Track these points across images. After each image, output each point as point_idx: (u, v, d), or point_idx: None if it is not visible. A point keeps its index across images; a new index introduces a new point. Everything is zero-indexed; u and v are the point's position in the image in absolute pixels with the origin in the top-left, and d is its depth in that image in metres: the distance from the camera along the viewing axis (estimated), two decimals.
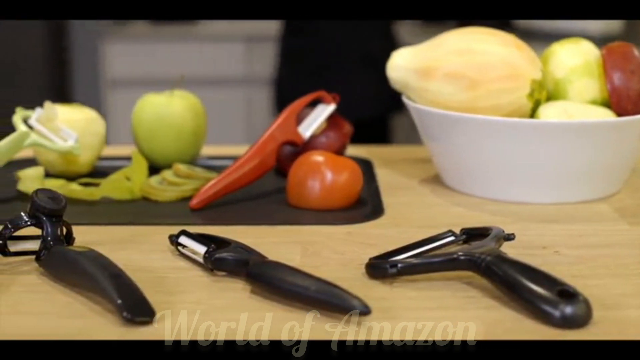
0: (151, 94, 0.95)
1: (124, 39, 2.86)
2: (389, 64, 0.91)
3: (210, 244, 0.67)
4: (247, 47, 2.92)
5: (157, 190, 0.84)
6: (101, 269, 0.61)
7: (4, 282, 0.66)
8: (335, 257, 0.71)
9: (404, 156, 1.03)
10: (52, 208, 0.67)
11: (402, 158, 1.01)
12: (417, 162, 1.00)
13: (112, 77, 2.81)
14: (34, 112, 0.90)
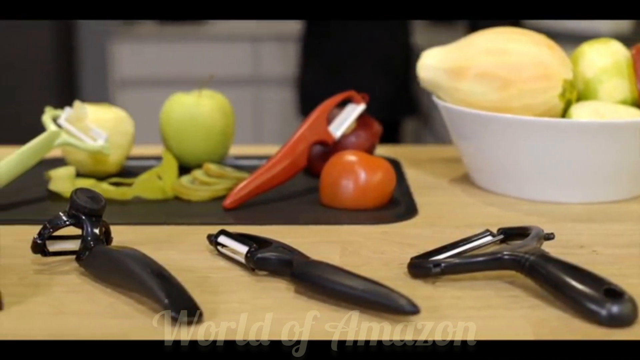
0: (179, 93, 0.95)
1: (132, 39, 2.85)
2: (419, 64, 0.90)
3: (252, 243, 0.67)
4: (254, 47, 2.91)
5: (190, 190, 0.84)
6: (146, 269, 0.61)
7: (45, 282, 0.66)
8: (375, 257, 0.71)
9: (430, 156, 1.03)
10: (92, 208, 0.67)
11: (428, 158, 1.01)
12: (444, 162, 1.00)
13: (120, 77, 2.81)
14: (62, 112, 0.89)
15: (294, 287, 0.64)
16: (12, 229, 0.78)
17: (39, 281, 0.66)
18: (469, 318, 0.60)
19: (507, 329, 0.59)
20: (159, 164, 0.95)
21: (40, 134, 0.85)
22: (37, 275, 0.67)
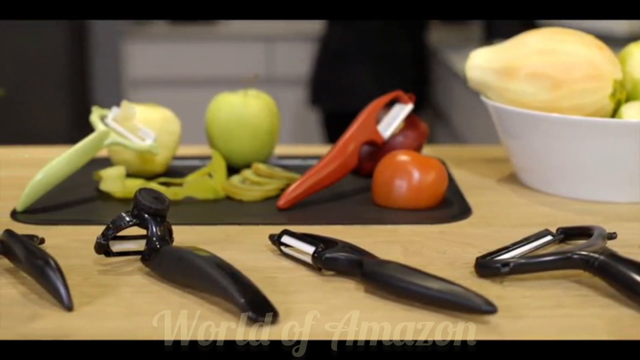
0: (225, 93, 0.95)
1: (145, 39, 2.85)
2: (468, 64, 0.90)
3: (319, 243, 0.67)
4: (267, 47, 2.91)
5: (242, 190, 0.84)
6: (218, 269, 0.61)
7: (110, 283, 0.65)
8: (438, 257, 0.70)
9: (472, 156, 1.02)
10: (157, 208, 0.67)
11: (470, 158, 1.01)
12: (488, 162, 0.99)
13: (133, 77, 2.80)
14: (109, 111, 0.89)
15: (363, 287, 0.64)
16: (67, 229, 0.78)
17: (105, 282, 0.66)
18: (543, 317, 0.60)
19: (581, 328, 0.58)
20: (207, 163, 0.95)
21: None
22: (101, 275, 0.67)
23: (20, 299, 0.63)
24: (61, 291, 0.61)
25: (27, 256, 0.64)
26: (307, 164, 0.97)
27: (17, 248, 0.66)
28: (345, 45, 2.39)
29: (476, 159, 1.01)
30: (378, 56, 2.38)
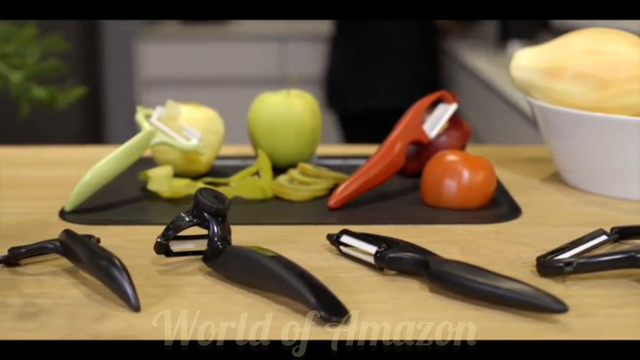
0: (267, 92, 0.95)
1: (158, 39, 2.84)
2: (512, 64, 0.90)
3: (381, 243, 0.66)
4: (280, 47, 2.91)
5: (291, 190, 0.84)
6: (287, 269, 0.61)
7: (174, 283, 0.65)
8: (496, 256, 0.70)
9: (512, 156, 1.02)
10: (218, 208, 0.67)
11: (511, 158, 1.01)
12: (529, 162, 1.00)
13: (145, 77, 2.80)
14: (154, 111, 0.89)
15: (427, 286, 0.64)
16: (119, 229, 0.77)
17: (167, 282, 0.65)
18: (611, 316, 0.60)
19: None
20: (248, 163, 0.95)
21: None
22: (162, 276, 0.67)
23: (85, 300, 0.63)
24: (128, 291, 0.61)
25: (90, 256, 0.64)
26: (348, 163, 0.97)
27: (78, 248, 0.66)
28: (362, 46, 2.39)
29: (517, 158, 1.01)
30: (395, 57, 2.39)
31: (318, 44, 2.87)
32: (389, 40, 2.38)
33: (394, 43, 2.38)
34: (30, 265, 0.69)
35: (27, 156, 1.08)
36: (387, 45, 2.38)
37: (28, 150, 1.11)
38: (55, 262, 0.70)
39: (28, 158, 1.07)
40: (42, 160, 1.06)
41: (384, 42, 2.38)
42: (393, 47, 2.38)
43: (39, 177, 0.97)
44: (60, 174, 0.98)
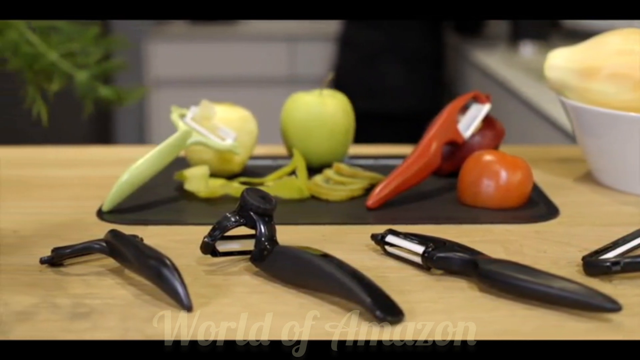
0: (300, 92, 0.95)
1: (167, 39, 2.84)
2: (546, 64, 0.90)
3: (428, 242, 0.67)
4: (289, 47, 2.91)
5: (328, 190, 0.84)
6: (339, 269, 0.61)
7: (222, 283, 0.65)
8: (540, 256, 0.71)
9: (542, 156, 1.02)
10: (265, 207, 0.67)
11: (541, 158, 1.01)
12: (559, 162, 1.00)
13: (155, 77, 2.80)
14: (188, 111, 0.89)
15: (476, 285, 0.64)
16: (159, 229, 0.77)
17: (215, 282, 0.65)
18: None
19: None
20: (279, 163, 0.95)
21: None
22: (210, 276, 0.67)
23: (134, 300, 0.63)
24: (180, 291, 0.60)
25: (139, 256, 0.64)
26: (380, 163, 0.97)
27: (125, 248, 0.66)
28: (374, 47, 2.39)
29: (547, 159, 1.01)
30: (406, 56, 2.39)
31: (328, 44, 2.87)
32: (397, 40, 2.38)
33: (402, 43, 2.38)
34: (74, 266, 0.69)
35: (53, 156, 1.08)
36: (395, 46, 2.38)
37: (52, 150, 1.11)
38: (99, 262, 0.70)
39: (53, 158, 1.07)
40: (68, 160, 1.06)
41: (392, 42, 2.38)
42: (401, 48, 2.38)
43: (69, 177, 0.97)
44: (89, 174, 0.98)
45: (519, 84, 1.90)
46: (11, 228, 0.79)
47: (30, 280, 0.67)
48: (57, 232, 0.78)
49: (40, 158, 1.07)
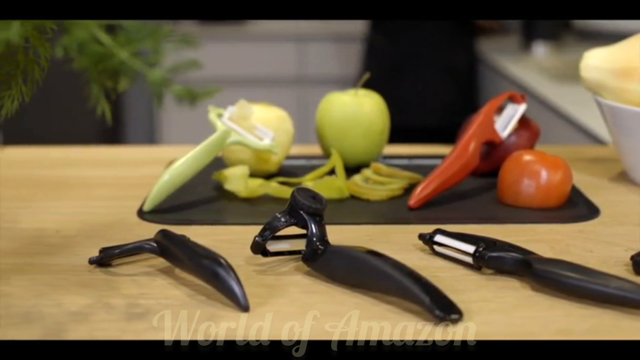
0: (335, 92, 0.95)
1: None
2: (582, 65, 0.91)
3: (479, 242, 0.67)
4: (299, 47, 2.91)
5: (368, 190, 0.84)
6: (396, 269, 0.61)
7: (275, 283, 0.65)
8: (587, 255, 0.71)
9: (575, 156, 1.02)
10: (316, 207, 0.67)
11: (574, 158, 1.01)
12: (594, 162, 1.00)
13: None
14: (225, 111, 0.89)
15: (528, 285, 0.64)
16: (204, 229, 0.77)
17: (267, 282, 0.66)
18: None
19: None
20: (317, 162, 0.95)
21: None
22: (261, 275, 0.67)
23: (188, 300, 0.63)
24: (237, 291, 0.61)
25: (193, 256, 0.64)
26: (414, 163, 0.97)
27: (177, 248, 0.66)
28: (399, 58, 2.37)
29: (580, 159, 1.01)
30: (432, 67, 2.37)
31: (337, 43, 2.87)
32: (427, 50, 2.35)
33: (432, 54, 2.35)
34: (122, 266, 0.69)
35: (86, 156, 1.09)
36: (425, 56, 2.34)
37: (85, 150, 1.12)
38: (147, 262, 0.70)
39: (87, 158, 1.07)
40: (102, 160, 1.06)
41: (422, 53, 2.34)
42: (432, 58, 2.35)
43: (104, 176, 0.97)
44: (124, 174, 0.98)
45: (534, 83, 1.91)
46: (53, 228, 0.79)
47: (80, 280, 0.67)
48: (100, 232, 0.78)
49: (74, 158, 1.07)
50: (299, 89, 2.91)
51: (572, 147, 1.15)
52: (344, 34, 2.89)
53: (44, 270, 0.69)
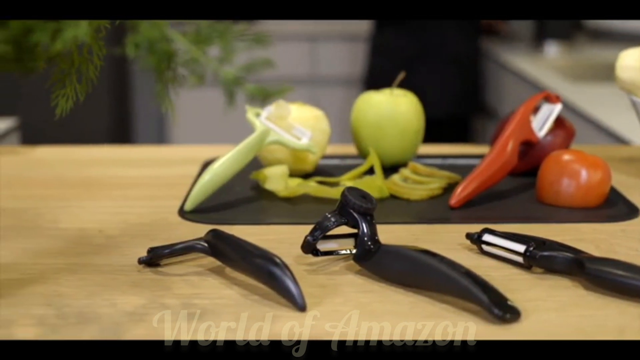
0: (370, 92, 0.95)
1: None
2: (618, 64, 0.91)
3: (529, 241, 0.67)
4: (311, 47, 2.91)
5: (408, 189, 0.84)
6: (452, 268, 0.61)
7: (328, 283, 0.66)
8: (633, 254, 0.71)
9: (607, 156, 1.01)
10: (367, 207, 0.67)
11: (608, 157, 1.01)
12: (626, 161, 1.00)
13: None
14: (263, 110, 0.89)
15: (580, 284, 0.64)
16: (248, 229, 0.77)
17: (320, 281, 0.66)
18: None
19: None
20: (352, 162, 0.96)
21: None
22: (313, 275, 0.67)
23: (243, 300, 0.63)
24: (293, 291, 0.61)
25: (247, 256, 0.64)
26: (447, 163, 0.98)
27: (230, 248, 0.66)
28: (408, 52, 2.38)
29: (613, 158, 1.01)
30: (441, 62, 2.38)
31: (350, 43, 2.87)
32: (431, 45, 2.36)
33: (441, 48, 2.36)
34: (171, 266, 0.69)
35: (117, 156, 1.09)
36: (433, 51, 2.35)
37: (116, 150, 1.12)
38: (196, 262, 0.70)
39: (119, 158, 1.07)
40: (134, 160, 1.06)
41: (426, 47, 2.36)
42: (440, 53, 2.36)
43: (139, 176, 0.97)
44: (158, 173, 0.98)
45: (550, 82, 1.91)
46: (96, 228, 0.79)
47: (130, 280, 0.67)
48: (143, 232, 0.78)
49: (102, 157, 1.08)
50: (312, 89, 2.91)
51: (605, 147, 1.15)
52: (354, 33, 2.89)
53: (93, 270, 0.69)
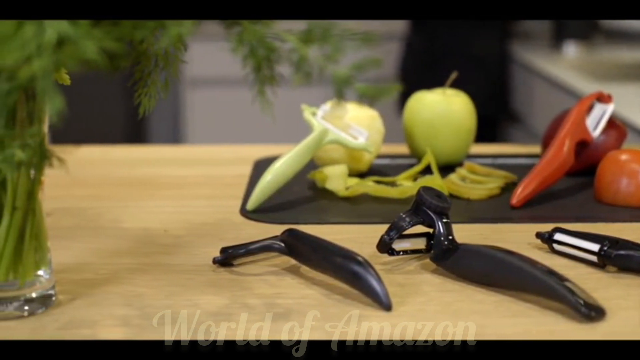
0: (422, 91, 0.96)
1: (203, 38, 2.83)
2: None
3: (604, 240, 0.68)
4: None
5: (467, 189, 0.85)
6: (535, 267, 0.62)
7: (406, 282, 0.66)
8: None
9: None
10: (443, 206, 0.68)
11: None
12: None
13: (190, 76, 2.79)
14: (318, 109, 0.89)
15: None
16: (314, 228, 0.76)
17: (398, 280, 0.66)
18: None
19: None
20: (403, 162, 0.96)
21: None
22: (389, 275, 0.67)
23: (325, 300, 0.63)
24: (378, 290, 0.61)
25: (328, 255, 0.65)
26: (498, 162, 0.98)
27: (309, 247, 0.67)
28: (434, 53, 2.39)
29: None
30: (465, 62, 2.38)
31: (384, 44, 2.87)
32: (460, 45, 2.37)
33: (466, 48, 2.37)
34: (245, 266, 0.70)
35: (170, 155, 1.10)
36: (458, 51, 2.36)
37: (168, 150, 1.13)
38: (269, 262, 0.70)
39: (173, 157, 1.09)
40: (188, 159, 1.07)
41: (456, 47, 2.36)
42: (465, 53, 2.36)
43: (194, 175, 0.99)
44: (213, 173, 0.99)
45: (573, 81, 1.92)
46: (160, 227, 0.80)
47: (207, 280, 0.67)
48: (209, 231, 0.79)
49: (150, 157, 1.08)
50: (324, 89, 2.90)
51: None
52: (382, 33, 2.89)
53: (167, 270, 0.70)
